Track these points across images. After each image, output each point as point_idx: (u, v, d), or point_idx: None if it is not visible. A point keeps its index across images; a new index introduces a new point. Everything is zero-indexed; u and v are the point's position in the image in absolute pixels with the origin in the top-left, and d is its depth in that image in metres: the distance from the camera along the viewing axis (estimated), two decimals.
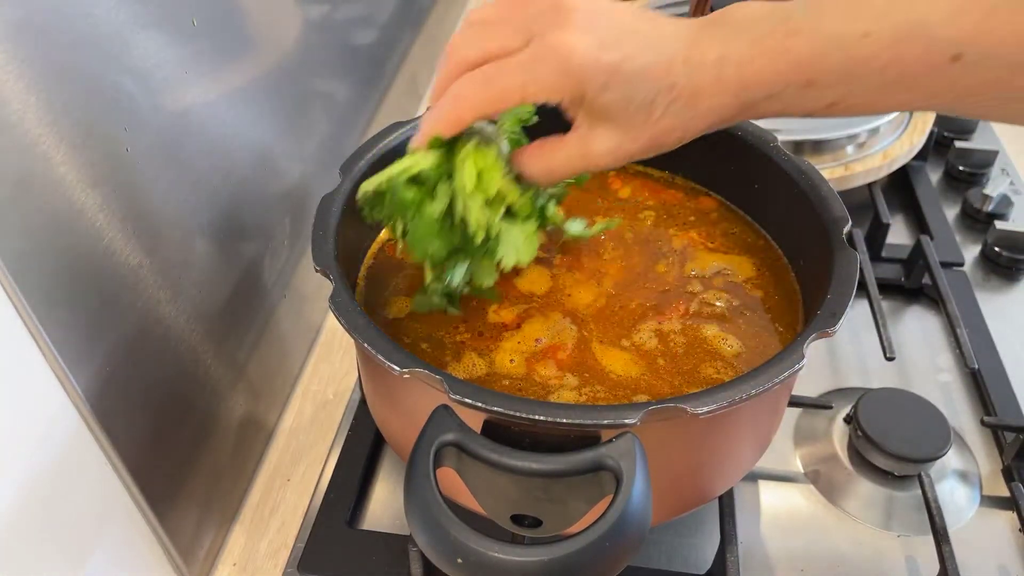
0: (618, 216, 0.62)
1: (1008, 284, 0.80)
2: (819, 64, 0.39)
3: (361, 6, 0.85)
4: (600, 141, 0.43)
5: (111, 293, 0.46)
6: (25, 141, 0.40)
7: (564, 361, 0.51)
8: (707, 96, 0.41)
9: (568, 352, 0.52)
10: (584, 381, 0.50)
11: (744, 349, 0.52)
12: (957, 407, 0.69)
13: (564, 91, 0.41)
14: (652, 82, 0.40)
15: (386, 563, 0.56)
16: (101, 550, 0.48)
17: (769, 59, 0.39)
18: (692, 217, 0.62)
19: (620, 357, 0.51)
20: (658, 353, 0.52)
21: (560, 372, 0.50)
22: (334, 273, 0.47)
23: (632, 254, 0.59)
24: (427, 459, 0.38)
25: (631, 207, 0.63)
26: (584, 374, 0.50)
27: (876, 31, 0.37)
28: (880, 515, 0.60)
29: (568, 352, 0.52)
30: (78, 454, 0.45)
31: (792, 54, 0.39)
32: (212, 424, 0.58)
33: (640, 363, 0.51)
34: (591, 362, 0.51)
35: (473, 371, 0.51)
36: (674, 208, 0.63)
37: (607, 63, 0.40)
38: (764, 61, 0.39)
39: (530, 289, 0.56)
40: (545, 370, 0.50)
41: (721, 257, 0.59)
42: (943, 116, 0.96)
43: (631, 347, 0.52)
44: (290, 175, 0.68)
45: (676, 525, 0.59)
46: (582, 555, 0.36)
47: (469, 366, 0.51)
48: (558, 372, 0.50)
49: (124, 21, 0.46)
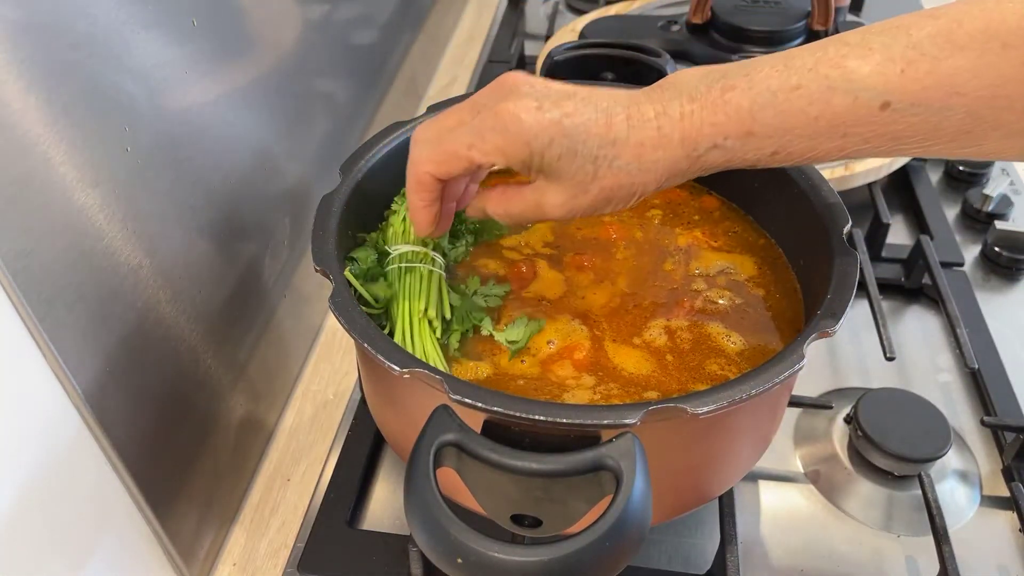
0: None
1: (1008, 284, 0.80)
2: (757, 115, 0.41)
3: (361, 6, 0.85)
4: (552, 195, 0.45)
5: (111, 293, 0.46)
6: (25, 141, 0.40)
7: (581, 361, 0.51)
8: (650, 149, 0.42)
9: (585, 352, 0.52)
10: (599, 380, 0.50)
11: (747, 347, 0.52)
12: (957, 407, 0.69)
13: (510, 152, 0.43)
14: (594, 137, 0.42)
15: (386, 563, 0.56)
16: (101, 550, 0.48)
17: (708, 112, 0.42)
18: (696, 216, 0.62)
19: (632, 355, 0.52)
20: (667, 350, 0.52)
21: (577, 372, 0.51)
22: (334, 273, 0.47)
23: (643, 252, 0.59)
24: (427, 459, 0.38)
25: (639, 206, 0.63)
26: (598, 373, 0.50)
27: (806, 84, 0.40)
28: (880, 515, 0.60)
29: (585, 352, 0.52)
30: (78, 454, 0.45)
31: (730, 106, 0.41)
32: (212, 424, 0.58)
33: (651, 360, 0.51)
34: (604, 361, 0.51)
35: (477, 373, 0.51)
36: (679, 207, 0.63)
37: (548, 120, 0.42)
38: (704, 114, 0.42)
39: (541, 293, 0.56)
40: (562, 370, 0.51)
41: (724, 256, 0.59)
42: None
43: (642, 344, 0.52)
44: (290, 175, 0.68)
45: (676, 525, 0.59)
46: (582, 555, 0.36)
47: (473, 369, 0.51)
48: (575, 372, 0.51)
49: (124, 21, 0.46)
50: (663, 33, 0.88)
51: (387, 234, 0.57)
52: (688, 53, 0.86)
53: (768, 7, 0.86)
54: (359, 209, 0.55)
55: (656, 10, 0.98)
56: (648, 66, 0.64)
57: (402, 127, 0.59)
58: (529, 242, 0.60)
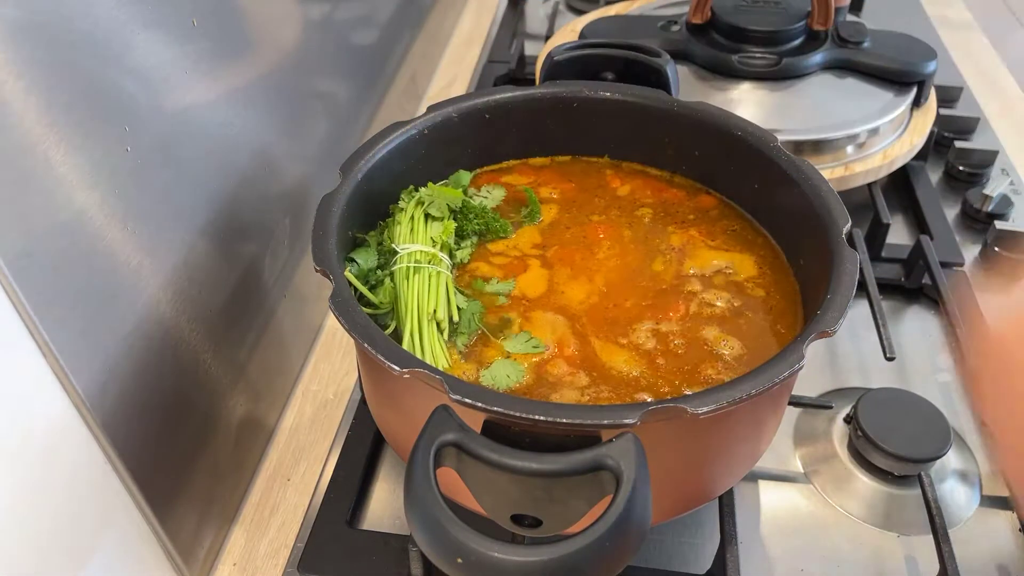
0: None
1: (1008, 284, 0.80)
2: None
3: (361, 6, 0.85)
4: None
5: (111, 293, 0.46)
6: (25, 141, 0.40)
7: (572, 358, 0.51)
8: None
9: (573, 349, 0.52)
10: (592, 380, 0.50)
11: (744, 350, 0.52)
12: (957, 407, 0.69)
13: None
14: None
15: (386, 563, 0.56)
16: (101, 550, 0.48)
17: None
18: (692, 215, 0.62)
19: (620, 354, 0.52)
20: (658, 353, 0.52)
21: (572, 369, 0.51)
22: (334, 273, 0.47)
23: (627, 252, 0.59)
24: (427, 459, 0.38)
25: (628, 204, 0.63)
26: (592, 373, 0.50)
27: None
28: (880, 515, 0.60)
29: (573, 349, 0.52)
30: (78, 454, 0.45)
31: None
32: (212, 424, 0.58)
33: (640, 362, 0.51)
34: (594, 359, 0.51)
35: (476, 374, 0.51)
36: (673, 206, 0.63)
37: None
38: None
39: (523, 292, 0.56)
40: (555, 369, 0.51)
41: (723, 255, 0.59)
42: (943, 116, 0.96)
43: (629, 345, 0.52)
44: (290, 175, 0.68)
45: (676, 525, 0.59)
46: (582, 555, 0.36)
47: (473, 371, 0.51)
48: (570, 369, 0.51)
49: (124, 21, 0.46)
50: (663, 33, 0.88)
51: (393, 232, 0.57)
52: (688, 53, 0.86)
53: (768, 7, 0.86)
54: (359, 209, 0.55)
55: (656, 10, 0.98)
56: (648, 66, 0.64)
57: (402, 127, 0.59)
58: (518, 244, 0.60)
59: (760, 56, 0.83)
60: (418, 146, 0.61)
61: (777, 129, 0.60)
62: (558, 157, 0.68)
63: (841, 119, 0.80)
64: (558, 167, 0.67)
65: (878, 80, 0.85)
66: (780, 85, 0.83)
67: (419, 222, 0.57)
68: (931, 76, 0.85)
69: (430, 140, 0.61)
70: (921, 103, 0.87)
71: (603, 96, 0.64)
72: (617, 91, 0.63)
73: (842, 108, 0.82)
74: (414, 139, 0.60)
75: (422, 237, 0.56)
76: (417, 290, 0.52)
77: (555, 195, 0.64)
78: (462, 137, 0.63)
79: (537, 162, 0.68)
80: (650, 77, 0.64)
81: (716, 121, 0.60)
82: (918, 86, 0.85)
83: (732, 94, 0.83)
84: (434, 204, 0.58)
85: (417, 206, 0.58)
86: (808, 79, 0.84)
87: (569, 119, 0.65)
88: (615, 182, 0.66)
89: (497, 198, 0.64)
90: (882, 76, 0.85)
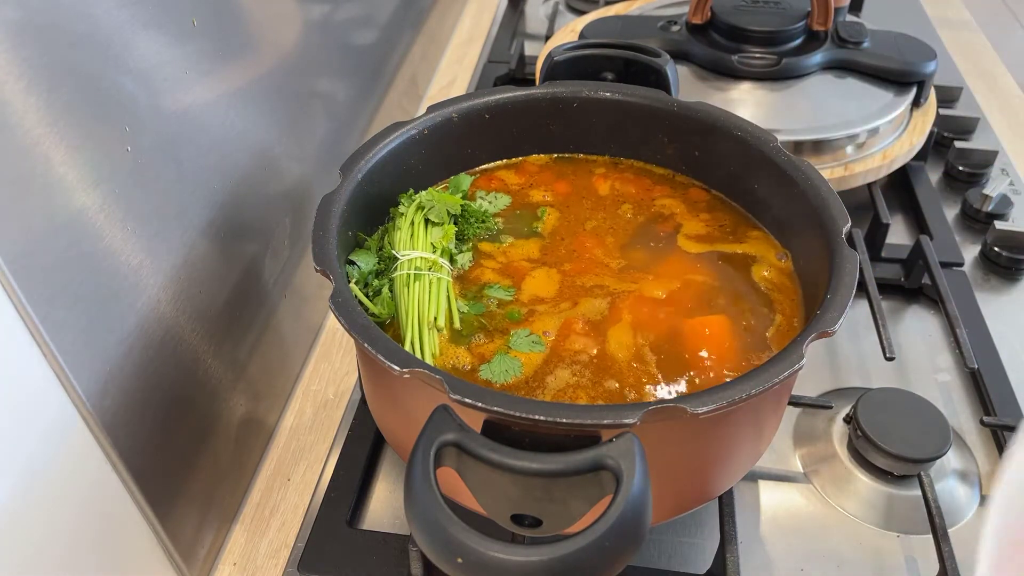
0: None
1: (1008, 284, 0.80)
2: None
3: (361, 6, 0.85)
4: None
5: (111, 293, 0.46)
6: (25, 141, 0.40)
7: (573, 354, 0.52)
8: None
9: (571, 346, 0.52)
10: (593, 380, 0.50)
11: (744, 349, 0.52)
12: (957, 407, 0.69)
13: None
14: None
15: (386, 563, 0.56)
16: (101, 550, 0.48)
17: None
18: (691, 214, 0.62)
19: (620, 352, 0.52)
20: (658, 352, 0.52)
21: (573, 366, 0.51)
22: (334, 273, 0.47)
23: (627, 252, 0.59)
24: (427, 459, 0.38)
25: (627, 205, 0.63)
26: (593, 372, 0.51)
27: None
28: (880, 515, 0.60)
29: (571, 346, 0.52)
30: (78, 454, 0.45)
31: None
32: (212, 424, 0.58)
33: (640, 361, 0.51)
34: (593, 357, 0.51)
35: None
36: (672, 206, 0.63)
37: None
38: None
39: (524, 293, 0.56)
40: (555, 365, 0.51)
41: (723, 254, 0.59)
42: (943, 116, 0.96)
43: (629, 344, 0.52)
44: (290, 175, 0.68)
45: (676, 525, 0.59)
46: (582, 555, 0.36)
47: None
48: (571, 366, 0.51)
49: (124, 21, 0.46)
50: (663, 33, 0.88)
51: (393, 237, 0.57)
52: (688, 53, 0.86)
53: (768, 7, 0.86)
54: (359, 209, 0.56)
55: (656, 10, 0.98)
56: (648, 66, 0.64)
57: (402, 127, 0.59)
58: (518, 248, 0.60)
59: (760, 56, 0.83)
60: (418, 146, 0.61)
61: (777, 129, 0.60)
62: (558, 157, 0.68)
63: (841, 119, 0.80)
64: (557, 167, 0.67)
65: (878, 80, 0.85)
66: (780, 85, 0.83)
67: (419, 227, 0.57)
68: (931, 76, 0.85)
69: (430, 140, 0.61)
70: (921, 103, 0.87)
71: (603, 96, 0.64)
72: (617, 91, 0.64)
73: (842, 108, 0.82)
74: (414, 139, 0.60)
75: (422, 243, 0.56)
76: (418, 297, 0.52)
77: (549, 197, 0.65)
78: (462, 137, 0.64)
79: (537, 162, 0.68)
80: (650, 77, 0.64)
81: (716, 121, 0.60)
82: (918, 86, 0.85)
83: (732, 94, 0.83)
84: (434, 210, 0.58)
85: (417, 211, 0.58)
86: (808, 79, 0.84)
87: (569, 119, 0.65)
88: (615, 183, 0.66)
89: (501, 204, 0.64)
90: (882, 76, 0.85)
